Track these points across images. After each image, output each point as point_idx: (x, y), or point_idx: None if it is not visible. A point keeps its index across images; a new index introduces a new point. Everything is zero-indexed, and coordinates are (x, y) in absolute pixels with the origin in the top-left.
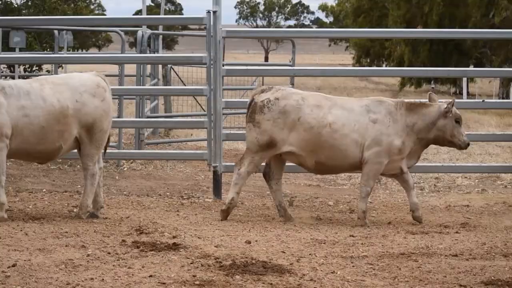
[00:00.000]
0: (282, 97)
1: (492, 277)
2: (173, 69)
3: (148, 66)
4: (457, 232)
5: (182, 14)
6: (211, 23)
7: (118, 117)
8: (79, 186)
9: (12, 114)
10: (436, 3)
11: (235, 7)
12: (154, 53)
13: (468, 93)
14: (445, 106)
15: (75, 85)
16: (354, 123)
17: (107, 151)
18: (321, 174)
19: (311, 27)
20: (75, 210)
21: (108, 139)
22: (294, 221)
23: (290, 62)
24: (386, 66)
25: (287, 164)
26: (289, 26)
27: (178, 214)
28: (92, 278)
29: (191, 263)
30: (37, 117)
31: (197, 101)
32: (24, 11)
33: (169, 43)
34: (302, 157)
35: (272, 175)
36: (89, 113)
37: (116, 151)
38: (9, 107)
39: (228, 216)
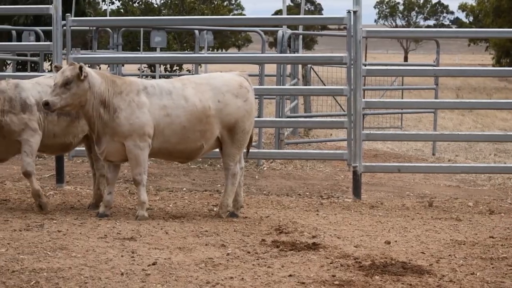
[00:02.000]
0: None
1: None
2: (313, 69)
3: (288, 66)
4: None
5: (322, 14)
6: (352, 23)
7: (258, 116)
8: (219, 185)
9: (154, 113)
10: None
11: (375, 7)
12: (294, 53)
13: None
14: None
15: (218, 85)
16: None
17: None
18: None
19: (451, 27)
20: (215, 209)
21: (251, 139)
22: None
23: (434, 62)
24: None
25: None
26: (428, 26)
27: (317, 214)
28: (231, 277)
29: (330, 263)
30: (179, 117)
31: (336, 101)
32: (163, 11)
33: (308, 43)
34: None
35: None
36: (231, 113)
37: (256, 150)
38: (151, 107)
39: None
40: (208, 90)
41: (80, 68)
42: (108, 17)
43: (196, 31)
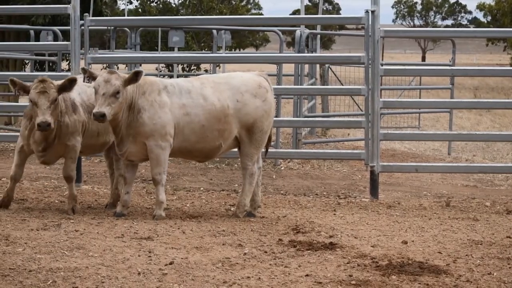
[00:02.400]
0: None
1: None
2: (330, 68)
3: (306, 66)
4: None
5: (340, 14)
6: (369, 23)
7: (276, 116)
8: (236, 185)
9: (174, 112)
10: None
11: (393, 7)
12: (312, 53)
13: None
14: None
15: (237, 85)
16: None
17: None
18: None
19: (469, 27)
20: (232, 208)
21: (270, 139)
22: None
23: (450, 62)
24: None
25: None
26: (446, 26)
27: (334, 214)
28: (248, 277)
29: (347, 263)
30: (198, 116)
31: (354, 101)
32: (181, 11)
33: (326, 43)
34: None
35: None
36: (249, 113)
37: (274, 150)
38: (172, 106)
39: None
40: (227, 90)
41: (138, 73)
42: (126, 17)
43: (214, 31)
